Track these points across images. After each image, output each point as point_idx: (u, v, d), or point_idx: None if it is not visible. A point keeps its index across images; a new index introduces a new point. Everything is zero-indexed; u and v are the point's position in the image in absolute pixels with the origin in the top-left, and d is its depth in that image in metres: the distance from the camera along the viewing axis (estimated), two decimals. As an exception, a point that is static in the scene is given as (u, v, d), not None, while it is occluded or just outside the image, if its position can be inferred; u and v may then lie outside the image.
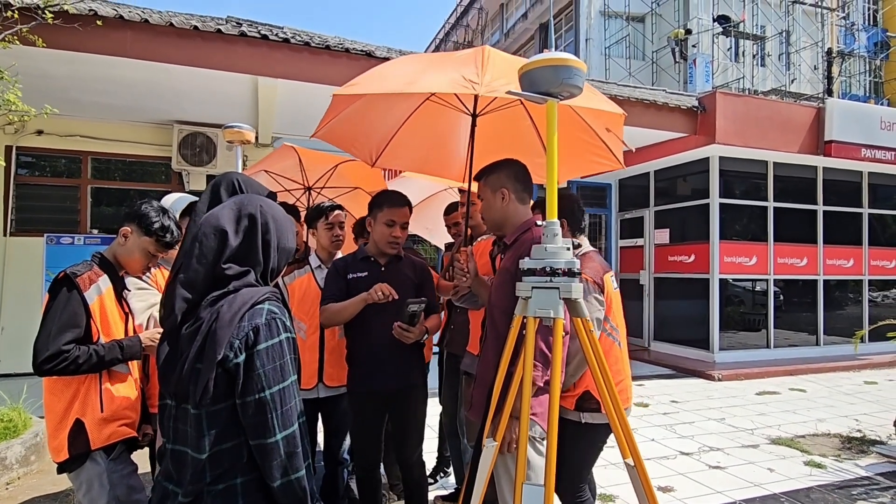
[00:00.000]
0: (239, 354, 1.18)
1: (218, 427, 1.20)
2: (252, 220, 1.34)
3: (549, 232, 1.55)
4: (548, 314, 1.47)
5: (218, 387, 1.18)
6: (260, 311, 1.24)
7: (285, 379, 1.22)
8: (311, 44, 5.65)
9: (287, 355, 1.25)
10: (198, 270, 1.27)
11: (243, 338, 1.19)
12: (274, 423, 1.19)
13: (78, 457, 1.89)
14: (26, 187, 7.02)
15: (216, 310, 1.22)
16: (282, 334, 1.25)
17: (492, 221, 2.24)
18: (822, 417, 5.61)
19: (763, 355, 8.36)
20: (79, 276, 1.92)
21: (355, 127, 2.78)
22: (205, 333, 1.19)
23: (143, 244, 2.06)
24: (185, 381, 1.18)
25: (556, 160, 1.53)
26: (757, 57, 16.16)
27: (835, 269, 9.05)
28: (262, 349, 1.20)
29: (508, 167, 2.20)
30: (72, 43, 4.68)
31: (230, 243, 1.30)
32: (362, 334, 2.60)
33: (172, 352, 1.24)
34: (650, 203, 9.39)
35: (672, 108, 7.59)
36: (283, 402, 1.21)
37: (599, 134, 2.60)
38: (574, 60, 1.46)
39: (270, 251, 1.36)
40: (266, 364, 1.20)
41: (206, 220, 1.33)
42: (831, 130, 7.98)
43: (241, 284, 1.28)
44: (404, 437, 2.67)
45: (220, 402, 1.19)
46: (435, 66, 2.39)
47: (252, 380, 1.18)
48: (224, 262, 1.29)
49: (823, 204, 8.93)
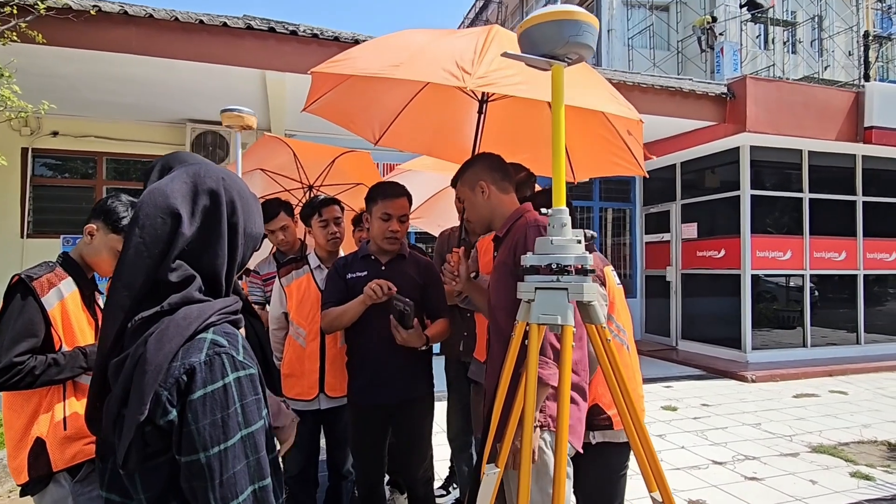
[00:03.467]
0: (170, 409, 0.89)
1: (155, 487, 0.93)
2: (214, 197, 1.01)
3: (556, 221, 1.29)
4: (555, 320, 1.23)
5: (150, 444, 0.90)
6: (200, 343, 0.93)
7: (228, 437, 0.90)
8: (320, 36, 5.48)
9: (233, 404, 0.92)
10: (138, 269, 0.94)
11: (173, 385, 0.89)
12: (212, 496, 0.89)
13: (40, 479, 1.71)
14: (43, 189, 7.03)
15: (143, 342, 0.92)
16: (228, 375, 0.93)
17: (479, 220, 2.06)
18: (867, 423, 5.22)
19: (799, 355, 7.92)
20: (35, 279, 1.73)
21: (355, 102, 2.56)
22: (128, 376, 0.90)
23: (111, 242, 1.86)
24: (108, 428, 0.92)
25: (563, 136, 1.28)
26: (788, 44, 15.49)
27: (876, 263, 8.54)
28: (197, 399, 0.89)
29: (481, 160, 2.05)
30: (74, 39, 4.60)
31: (183, 231, 0.97)
32: (362, 341, 2.40)
33: (102, 385, 0.97)
34: (677, 196, 8.99)
35: (699, 96, 7.21)
36: (224, 468, 0.90)
37: (622, 135, 2.34)
38: (583, 13, 1.20)
39: (237, 240, 1.04)
40: (201, 418, 0.89)
41: (150, 196, 0.98)
42: (871, 115, 7.50)
43: (180, 300, 0.95)
44: (408, 454, 2.46)
45: (156, 457, 0.92)
46: (432, 45, 2.14)
47: (185, 438, 0.89)
48: (173, 260, 0.96)
49: (863, 194, 8.42)
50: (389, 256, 2.44)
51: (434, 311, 2.46)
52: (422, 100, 2.60)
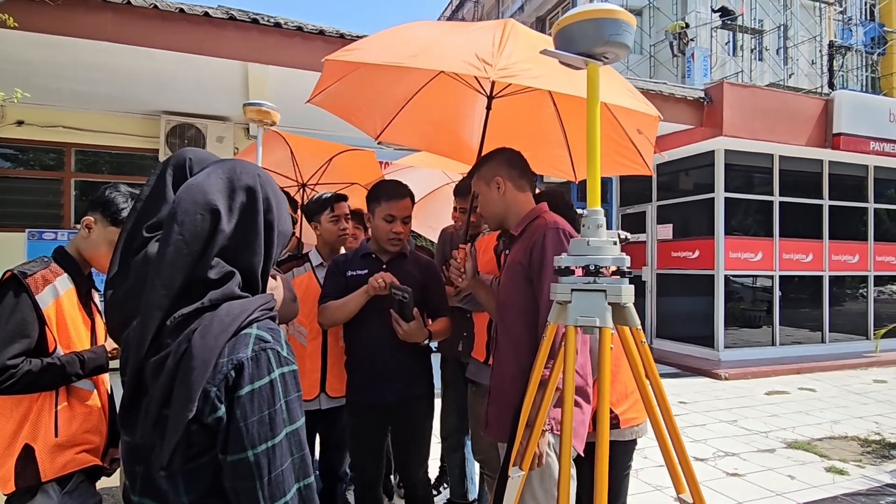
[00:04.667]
0: (218, 406, 0.86)
1: (199, 488, 0.89)
2: (251, 194, 0.99)
3: (592, 222, 1.28)
4: (592, 322, 1.21)
5: (194, 444, 0.86)
6: (245, 339, 0.90)
7: (275, 434, 0.88)
8: (304, 29, 5.37)
9: (279, 400, 0.90)
10: (178, 267, 0.90)
11: (221, 381, 0.86)
12: (261, 495, 0.86)
13: (27, 489, 1.60)
14: (7, 180, 6.72)
15: (185, 339, 0.88)
16: (274, 371, 0.90)
17: (493, 216, 2.04)
18: (837, 419, 5.41)
19: (769, 353, 8.16)
20: (29, 275, 1.62)
21: (359, 95, 2.50)
22: (170, 373, 0.86)
23: (111, 235, 1.75)
24: (148, 429, 0.87)
25: (598, 135, 1.27)
26: (755, 51, 15.95)
27: (840, 264, 8.86)
28: (245, 395, 0.87)
29: (499, 154, 2.02)
30: (48, 25, 4.39)
31: (222, 227, 0.94)
32: (361, 338, 2.35)
33: (137, 386, 0.92)
34: (653, 198, 9.15)
35: (678, 99, 7.35)
36: (272, 466, 0.87)
37: (630, 134, 2.35)
38: (623, 12, 1.20)
39: (273, 237, 1.02)
40: (250, 415, 0.86)
41: (187, 192, 0.95)
42: (840, 123, 7.77)
43: (221, 296, 0.92)
44: (408, 454, 2.42)
45: (200, 457, 0.88)
46: (448, 37, 2.10)
47: (232, 435, 0.86)
48: (212, 257, 0.93)
49: (829, 198, 8.73)
50: (391, 255, 2.40)
51: (435, 310, 2.43)
52: (426, 95, 2.56)
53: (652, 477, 3.79)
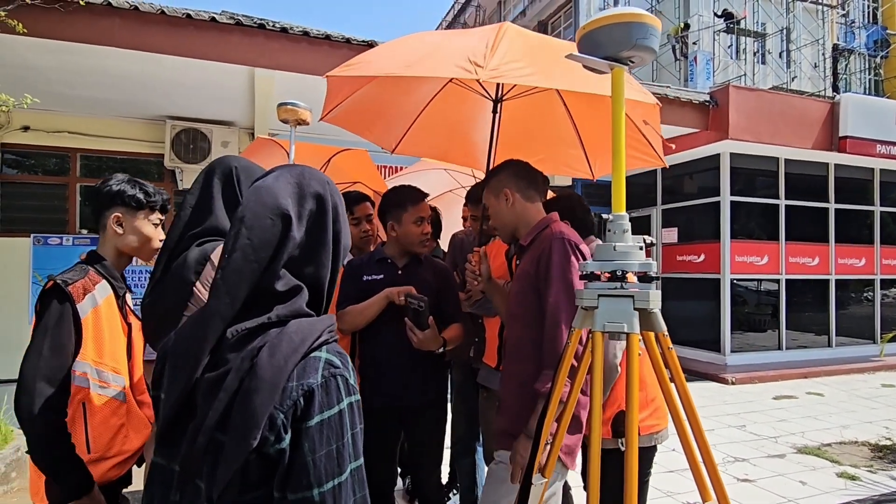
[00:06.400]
0: (283, 435, 0.76)
1: None
2: (320, 201, 0.90)
3: (618, 227, 1.27)
4: (621, 328, 1.20)
5: (248, 476, 0.77)
6: (315, 363, 0.81)
7: (343, 470, 0.79)
8: (310, 34, 5.38)
9: (346, 433, 0.82)
10: (243, 274, 0.81)
11: (290, 408, 0.77)
12: None
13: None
14: (12, 186, 6.72)
15: (249, 356, 0.79)
16: (343, 400, 0.82)
17: (504, 228, 2.05)
18: (846, 424, 5.37)
19: (776, 357, 8.11)
20: (70, 284, 1.56)
21: (371, 110, 2.52)
22: (231, 393, 0.77)
23: (139, 221, 1.72)
24: (197, 455, 0.78)
25: (623, 138, 1.26)
26: (758, 54, 15.95)
27: (846, 268, 8.82)
28: (315, 425, 0.78)
29: (507, 167, 2.04)
30: (55, 30, 4.40)
31: (293, 234, 0.86)
32: (376, 344, 2.34)
33: (184, 405, 0.82)
34: (658, 201, 9.13)
35: (683, 103, 7.33)
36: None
37: (639, 126, 2.33)
38: (649, 16, 1.19)
39: (340, 249, 0.94)
40: (318, 448, 0.77)
41: (257, 194, 0.87)
42: (846, 126, 7.75)
43: (289, 312, 0.84)
44: (420, 460, 2.41)
45: (252, 491, 0.78)
46: (444, 44, 2.11)
47: (297, 470, 0.77)
48: (280, 267, 0.85)
49: (835, 202, 8.70)
50: (406, 260, 2.40)
51: (449, 315, 2.42)
52: (437, 105, 2.57)
53: (662, 483, 3.76)
